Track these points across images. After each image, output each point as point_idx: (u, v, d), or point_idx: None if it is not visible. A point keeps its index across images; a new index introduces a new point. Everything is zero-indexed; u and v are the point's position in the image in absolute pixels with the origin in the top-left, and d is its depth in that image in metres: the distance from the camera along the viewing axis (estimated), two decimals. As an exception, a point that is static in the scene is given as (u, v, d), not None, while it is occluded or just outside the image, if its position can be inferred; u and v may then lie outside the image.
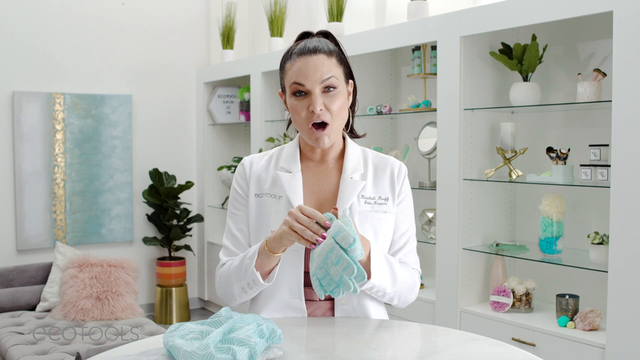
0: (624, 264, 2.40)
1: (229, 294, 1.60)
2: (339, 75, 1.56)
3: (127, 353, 1.34)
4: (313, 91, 1.52)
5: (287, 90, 1.57)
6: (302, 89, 1.53)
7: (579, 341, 2.58)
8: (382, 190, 1.62)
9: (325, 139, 1.54)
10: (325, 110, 1.53)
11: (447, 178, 3.09)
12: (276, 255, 1.49)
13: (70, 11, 4.77)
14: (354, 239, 1.36)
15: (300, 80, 1.53)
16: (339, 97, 1.55)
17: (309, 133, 1.55)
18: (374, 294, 1.55)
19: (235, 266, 1.56)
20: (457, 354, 1.36)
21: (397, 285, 1.57)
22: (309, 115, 1.53)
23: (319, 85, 1.52)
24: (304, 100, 1.54)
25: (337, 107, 1.54)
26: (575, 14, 2.53)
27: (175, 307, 4.97)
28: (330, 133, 1.54)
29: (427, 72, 3.46)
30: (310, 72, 1.52)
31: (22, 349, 3.14)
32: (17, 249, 4.60)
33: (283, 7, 4.53)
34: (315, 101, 1.51)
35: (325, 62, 1.54)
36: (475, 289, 3.13)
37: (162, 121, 5.21)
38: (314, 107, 1.51)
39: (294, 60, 1.56)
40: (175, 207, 4.92)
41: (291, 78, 1.55)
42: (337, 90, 1.54)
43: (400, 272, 1.58)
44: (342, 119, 1.58)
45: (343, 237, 1.36)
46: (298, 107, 1.54)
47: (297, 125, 1.57)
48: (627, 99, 2.38)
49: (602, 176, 2.64)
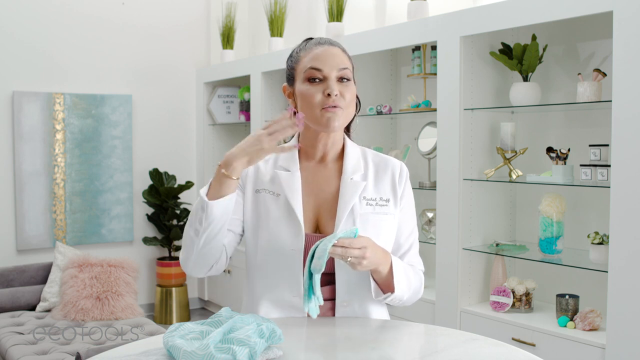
0: (624, 264, 2.40)
1: (185, 250, 1.53)
2: (351, 70, 1.58)
3: (127, 353, 1.34)
4: (330, 76, 1.53)
5: (300, 77, 1.56)
6: (318, 74, 1.53)
7: (579, 341, 2.58)
8: (383, 191, 1.62)
9: (336, 121, 1.52)
10: (340, 97, 1.53)
11: (447, 178, 3.09)
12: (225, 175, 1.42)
13: (70, 11, 4.77)
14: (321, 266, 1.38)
15: (318, 65, 1.53)
16: (352, 89, 1.56)
17: (321, 115, 1.52)
18: (389, 302, 1.58)
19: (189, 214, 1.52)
20: (457, 354, 1.36)
21: (410, 291, 1.60)
22: (323, 100, 1.52)
23: (336, 72, 1.53)
24: (318, 86, 1.53)
25: (350, 97, 1.55)
26: (575, 14, 2.53)
27: (175, 307, 4.97)
28: (341, 118, 1.54)
29: (427, 72, 3.46)
30: (329, 59, 1.54)
31: (22, 349, 3.14)
32: (17, 249, 4.60)
33: (283, 7, 4.53)
34: (333, 86, 1.52)
35: (341, 54, 1.57)
36: (475, 289, 3.13)
37: (162, 121, 5.21)
38: (331, 90, 1.51)
39: (309, 50, 1.57)
40: (175, 207, 4.92)
41: (307, 64, 1.55)
42: (350, 82, 1.56)
43: (413, 279, 1.61)
44: (351, 113, 1.58)
45: (319, 256, 1.39)
46: (312, 91, 1.53)
47: (307, 108, 1.54)
48: (627, 99, 2.38)
49: (602, 176, 2.64)
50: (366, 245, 1.43)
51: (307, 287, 1.41)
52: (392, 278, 1.52)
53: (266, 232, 1.56)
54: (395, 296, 1.54)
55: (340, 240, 1.40)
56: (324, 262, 1.37)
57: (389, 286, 1.54)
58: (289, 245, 1.54)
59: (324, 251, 1.38)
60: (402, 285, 1.55)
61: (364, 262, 1.42)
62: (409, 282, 1.58)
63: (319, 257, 1.38)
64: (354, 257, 1.41)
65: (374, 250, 1.45)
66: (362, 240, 1.43)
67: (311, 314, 1.41)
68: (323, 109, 1.52)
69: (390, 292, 1.54)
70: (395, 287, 1.52)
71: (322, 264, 1.37)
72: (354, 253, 1.40)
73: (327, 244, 1.38)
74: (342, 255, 1.40)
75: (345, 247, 1.40)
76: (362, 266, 1.43)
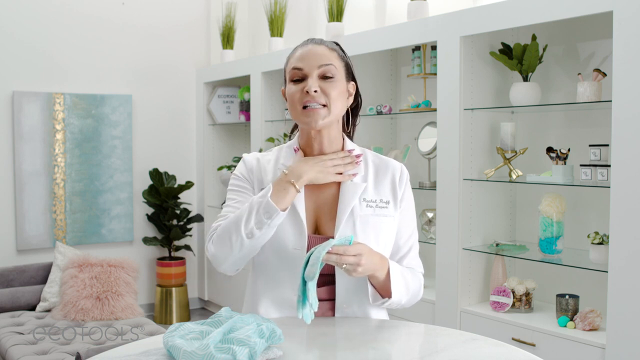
0: (624, 264, 2.40)
1: (226, 248, 1.50)
2: (339, 67, 1.56)
3: (127, 353, 1.34)
4: (310, 74, 1.52)
5: (287, 79, 1.57)
6: (299, 73, 1.53)
7: (579, 341, 2.58)
8: (383, 193, 1.61)
9: (318, 119, 1.51)
10: (322, 94, 1.52)
11: (447, 178, 3.09)
12: (293, 185, 1.49)
13: (70, 11, 4.77)
14: (314, 274, 1.37)
15: (299, 64, 1.53)
16: (338, 86, 1.54)
17: (302, 114, 1.53)
18: (387, 306, 1.58)
19: (238, 214, 1.50)
20: (457, 354, 1.36)
21: (409, 295, 1.60)
22: (302, 97, 1.52)
23: (317, 70, 1.52)
24: (300, 85, 1.53)
25: (336, 93, 1.53)
26: (575, 14, 2.53)
27: (175, 307, 4.97)
28: (326, 116, 1.52)
29: (427, 72, 3.46)
30: (310, 57, 1.53)
31: (22, 349, 3.14)
32: (17, 249, 4.60)
33: (283, 7, 4.53)
34: (311, 83, 1.51)
35: (326, 52, 1.55)
36: (475, 289, 3.13)
37: (162, 121, 5.21)
38: (309, 87, 1.50)
39: (296, 50, 1.58)
40: (175, 207, 4.92)
41: (291, 65, 1.55)
42: (336, 79, 1.54)
43: (412, 282, 1.61)
44: (340, 110, 1.57)
45: (312, 264, 1.38)
46: (293, 90, 1.54)
47: (291, 108, 1.55)
48: (627, 99, 2.38)
49: (602, 176, 2.64)
50: (361, 252, 1.43)
51: (301, 293, 1.41)
52: (389, 283, 1.52)
53: None
54: (393, 301, 1.55)
55: (334, 248, 1.40)
56: (318, 269, 1.37)
57: (387, 291, 1.54)
58: (292, 244, 1.54)
59: (317, 259, 1.38)
60: (400, 289, 1.55)
61: (359, 269, 1.43)
62: (407, 286, 1.58)
63: (312, 264, 1.38)
64: (349, 264, 1.41)
65: (369, 256, 1.45)
66: (357, 247, 1.43)
67: (305, 320, 1.41)
68: (304, 107, 1.52)
69: (387, 297, 1.54)
70: (392, 292, 1.52)
71: (316, 271, 1.37)
72: (348, 260, 1.41)
73: (320, 251, 1.38)
74: (337, 262, 1.40)
75: (339, 255, 1.40)
76: (358, 273, 1.43)
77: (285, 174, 1.50)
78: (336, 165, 1.56)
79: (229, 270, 1.57)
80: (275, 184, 1.49)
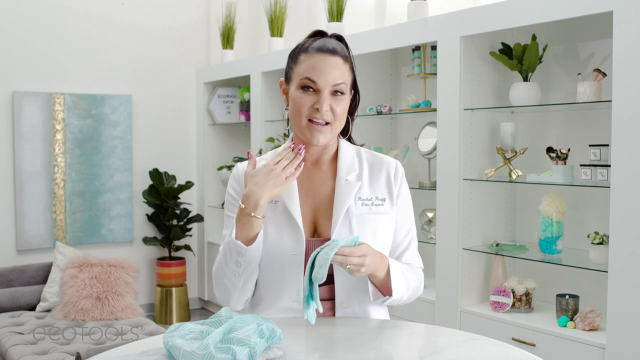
0: (624, 264, 2.40)
1: (224, 290, 1.56)
2: (349, 82, 1.57)
3: (127, 353, 1.34)
4: (323, 91, 1.52)
5: (295, 82, 1.55)
6: (312, 85, 1.52)
7: (579, 341, 2.58)
8: (378, 190, 1.61)
9: (320, 137, 1.53)
10: (329, 112, 1.53)
11: (447, 178, 3.09)
12: (254, 217, 1.47)
13: (70, 11, 4.77)
14: (323, 276, 1.38)
15: (314, 77, 1.52)
16: (344, 102, 1.56)
17: (307, 126, 1.53)
18: (388, 304, 1.59)
19: (220, 257, 1.55)
20: (457, 354, 1.36)
21: (409, 292, 1.60)
22: (312, 112, 1.52)
23: (330, 88, 1.52)
24: (310, 96, 1.53)
25: (341, 110, 1.54)
26: (575, 14, 2.53)
27: (175, 307, 4.97)
28: (328, 133, 1.54)
29: (427, 72, 3.46)
30: (326, 72, 1.52)
31: (22, 349, 3.14)
32: (17, 249, 4.60)
33: (283, 7, 4.53)
34: (323, 101, 1.51)
35: (340, 66, 1.55)
36: (475, 289, 3.13)
37: (162, 121, 5.21)
38: (321, 106, 1.51)
39: (310, 55, 1.54)
40: (175, 207, 4.92)
41: (304, 71, 1.53)
42: (344, 96, 1.55)
43: (412, 279, 1.61)
44: (342, 123, 1.58)
45: (320, 265, 1.38)
46: (303, 101, 1.53)
47: (295, 115, 1.55)
48: (627, 99, 2.38)
49: (602, 176, 2.64)
50: (366, 253, 1.44)
51: (306, 293, 1.41)
52: (389, 281, 1.52)
53: (267, 238, 1.55)
54: (394, 299, 1.55)
55: (341, 249, 1.41)
56: (326, 271, 1.37)
57: (387, 289, 1.54)
58: (290, 250, 1.54)
59: (325, 260, 1.38)
60: (401, 287, 1.55)
61: (362, 269, 1.44)
62: (407, 282, 1.58)
63: (320, 266, 1.38)
64: (353, 265, 1.42)
65: (372, 256, 1.46)
66: (362, 248, 1.44)
67: (309, 320, 1.41)
68: (309, 120, 1.52)
69: (388, 295, 1.55)
70: (392, 290, 1.53)
71: (324, 273, 1.38)
72: (353, 261, 1.42)
73: (328, 252, 1.38)
74: (342, 262, 1.41)
75: (345, 256, 1.41)
76: (360, 273, 1.44)
77: (242, 208, 1.48)
78: (285, 168, 1.52)
79: (239, 306, 1.60)
80: (237, 221, 1.50)
